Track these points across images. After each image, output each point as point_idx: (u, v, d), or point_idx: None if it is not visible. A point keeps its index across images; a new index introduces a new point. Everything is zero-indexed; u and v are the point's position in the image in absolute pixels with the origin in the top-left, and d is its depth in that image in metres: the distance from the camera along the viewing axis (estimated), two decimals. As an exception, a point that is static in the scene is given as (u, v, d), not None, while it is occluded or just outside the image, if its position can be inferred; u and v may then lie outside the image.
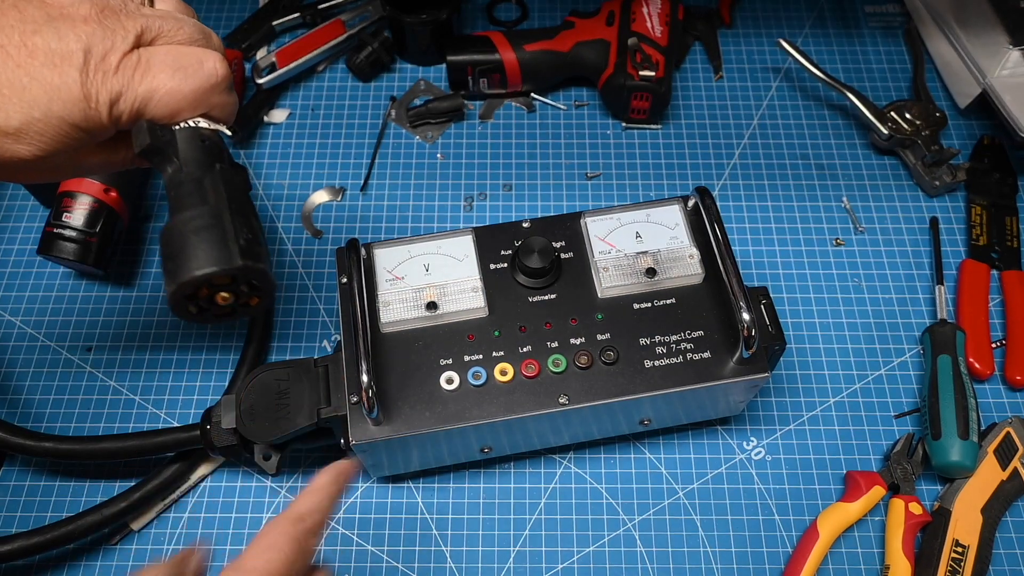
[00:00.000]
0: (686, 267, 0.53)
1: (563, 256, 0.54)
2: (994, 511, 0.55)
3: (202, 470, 0.58)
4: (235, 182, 0.41)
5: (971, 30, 0.72)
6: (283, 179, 0.71)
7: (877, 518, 0.57)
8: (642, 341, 0.51)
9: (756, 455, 0.59)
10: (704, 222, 0.52)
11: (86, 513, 0.53)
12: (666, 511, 0.57)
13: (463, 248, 0.54)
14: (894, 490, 0.57)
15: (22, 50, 0.35)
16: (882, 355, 0.63)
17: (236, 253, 0.37)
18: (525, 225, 0.55)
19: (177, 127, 0.39)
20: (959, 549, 0.54)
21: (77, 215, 0.60)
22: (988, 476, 0.56)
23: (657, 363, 0.50)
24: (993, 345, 0.62)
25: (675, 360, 0.50)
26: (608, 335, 0.51)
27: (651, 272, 0.52)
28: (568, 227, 0.55)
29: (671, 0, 0.72)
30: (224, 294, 0.39)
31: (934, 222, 0.68)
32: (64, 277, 0.66)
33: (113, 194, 0.61)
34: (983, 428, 0.58)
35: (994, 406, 0.61)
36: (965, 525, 0.54)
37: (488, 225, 0.55)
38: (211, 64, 0.39)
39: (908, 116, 0.70)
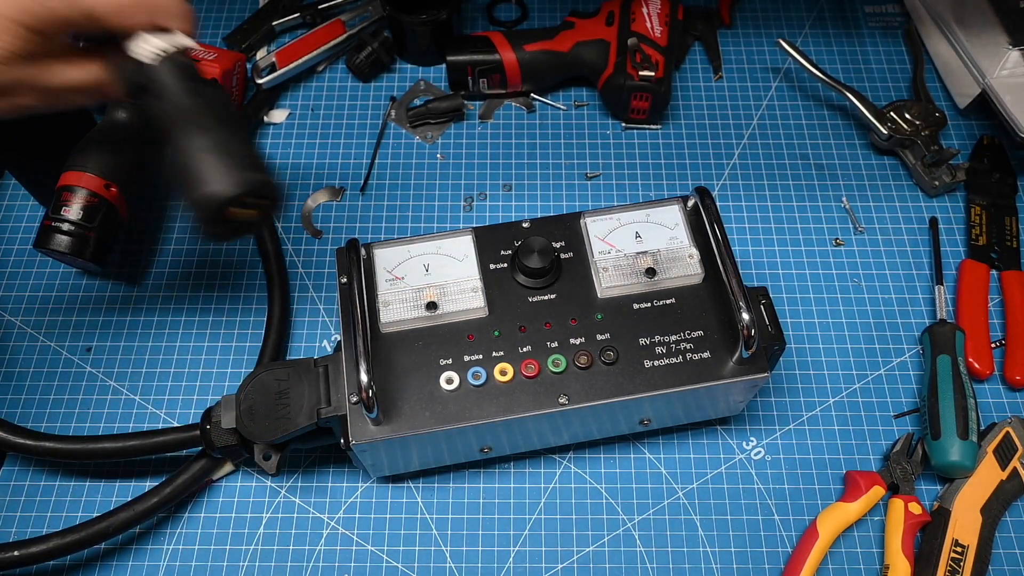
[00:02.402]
0: (686, 267, 0.53)
1: (563, 256, 0.54)
2: (993, 511, 0.55)
3: (228, 467, 0.58)
4: (218, 100, 0.43)
5: (971, 30, 0.72)
6: (283, 179, 0.71)
7: (877, 518, 0.57)
8: (642, 341, 0.51)
9: (756, 455, 0.59)
10: (704, 222, 0.52)
11: (119, 510, 0.53)
12: (666, 511, 0.57)
13: (463, 248, 0.54)
14: (894, 490, 0.57)
15: None
16: (882, 355, 0.63)
17: (249, 170, 0.41)
18: (525, 225, 0.55)
19: (152, 60, 0.42)
20: (959, 549, 0.54)
21: (75, 209, 0.59)
22: (987, 476, 0.56)
23: (657, 363, 0.50)
24: (992, 345, 0.62)
25: (675, 360, 0.50)
26: (608, 335, 0.51)
27: (651, 272, 0.52)
28: (568, 227, 0.55)
29: (671, 0, 0.72)
30: (236, 210, 0.42)
31: (934, 222, 0.68)
32: (64, 276, 0.66)
33: (113, 190, 0.61)
34: (982, 428, 0.58)
35: (993, 406, 0.61)
36: (964, 525, 0.54)
37: (488, 225, 0.55)
38: None
39: (908, 116, 0.70)
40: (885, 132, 0.70)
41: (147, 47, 0.42)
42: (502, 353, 0.51)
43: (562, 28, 0.73)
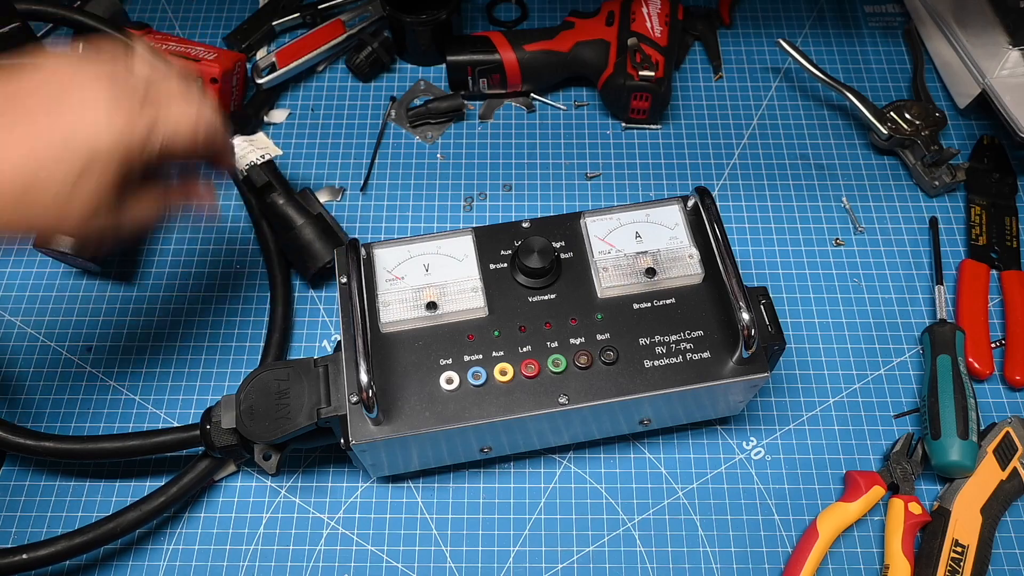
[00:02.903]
0: (686, 267, 0.53)
1: (563, 256, 0.54)
2: (993, 511, 0.55)
3: (231, 467, 0.58)
4: (307, 196, 0.64)
5: (971, 30, 0.72)
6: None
7: (877, 518, 0.57)
8: (642, 341, 0.51)
9: (756, 455, 0.59)
10: (704, 222, 0.52)
11: (126, 511, 0.53)
12: (666, 511, 0.57)
13: (463, 248, 0.54)
14: (894, 490, 0.57)
15: (53, 111, 0.39)
16: (882, 355, 0.63)
17: (335, 237, 0.63)
18: (525, 225, 0.55)
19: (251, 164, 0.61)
20: (958, 549, 0.54)
21: None
22: (987, 476, 0.56)
23: (657, 363, 0.50)
24: (992, 345, 0.62)
25: (675, 360, 0.50)
26: (608, 335, 0.51)
27: (651, 272, 0.52)
28: (568, 227, 0.55)
29: (671, 0, 0.72)
30: None
31: (934, 222, 0.68)
32: (64, 276, 0.66)
33: None
34: (982, 428, 0.58)
35: (993, 406, 0.61)
36: (964, 525, 0.54)
37: (488, 225, 0.55)
38: (197, 92, 0.44)
39: (908, 116, 0.70)
40: (885, 132, 0.70)
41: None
42: (502, 353, 0.51)
43: (562, 28, 0.73)
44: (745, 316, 0.48)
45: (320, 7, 0.77)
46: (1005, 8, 0.70)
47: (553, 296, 0.53)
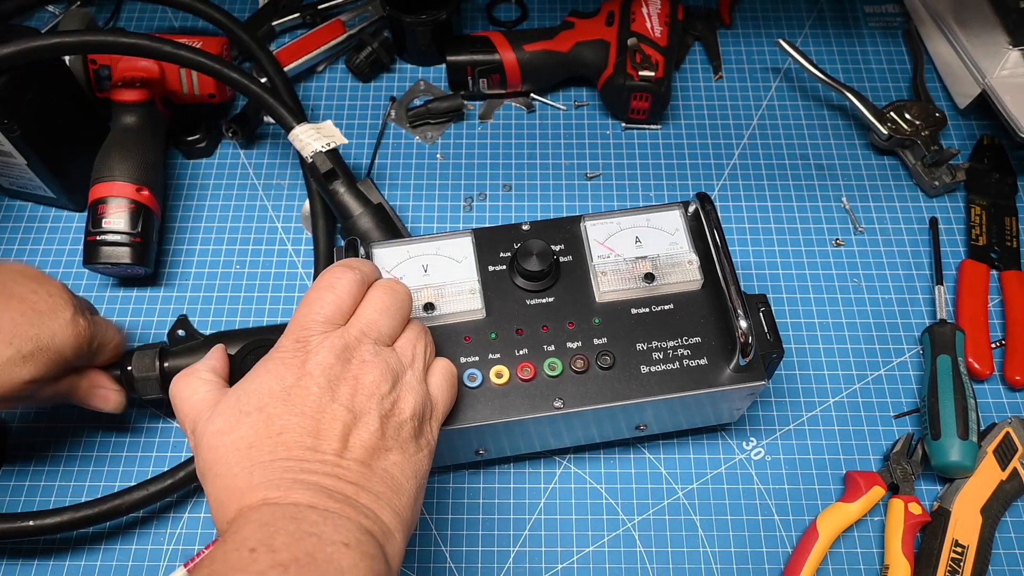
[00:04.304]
0: (685, 273, 0.53)
1: (562, 259, 0.54)
2: (993, 511, 0.55)
3: None
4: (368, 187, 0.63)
5: (971, 30, 0.72)
6: (283, 179, 0.71)
7: (877, 518, 0.57)
8: (639, 346, 0.51)
9: (756, 455, 0.59)
10: (704, 228, 0.52)
11: (133, 489, 0.53)
12: (666, 511, 0.57)
13: (462, 249, 0.54)
14: (894, 490, 0.57)
15: None
16: (882, 355, 0.63)
17: (399, 228, 0.62)
18: (524, 227, 0.55)
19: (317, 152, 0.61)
20: (959, 549, 0.54)
21: (115, 219, 0.60)
22: (987, 476, 0.56)
23: (653, 369, 0.50)
24: (992, 345, 0.62)
25: (672, 366, 0.50)
26: (605, 339, 0.51)
27: (650, 277, 0.52)
28: (567, 230, 0.55)
29: (671, 0, 0.72)
30: None
31: (934, 222, 0.68)
32: (64, 277, 0.66)
33: (145, 192, 0.61)
34: (982, 428, 0.58)
35: (994, 406, 0.61)
36: (964, 525, 0.54)
37: (487, 227, 0.55)
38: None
39: (908, 116, 0.70)
40: (885, 132, 0.70)
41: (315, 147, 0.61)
42: (498, 355, 0.51)
43: (562, 28, 0.73)
44: (743, 323, 0.47)
45: (320, 7, 0.77)
46: (1005, 8, 0.70)
47: (551, 300, 0.53)
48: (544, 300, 0.52)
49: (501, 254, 0.54)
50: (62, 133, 0.64)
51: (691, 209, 0.55)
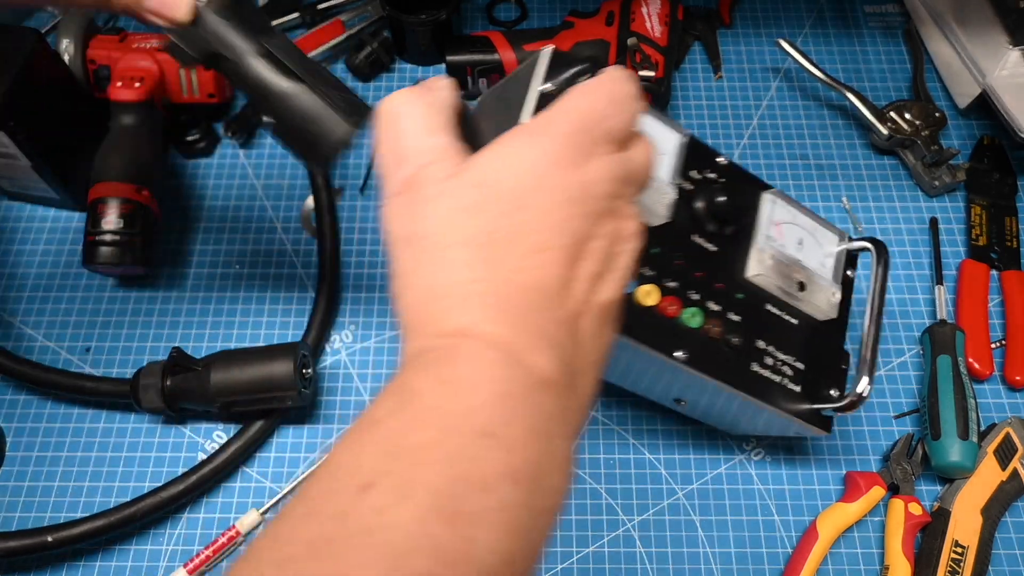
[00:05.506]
0: (824, 301, 0.51)
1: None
2: (994, 512, 0.55)
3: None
4: (286, 45, 0.44)
5: (971, 30, 0.72)
6: (283, 179, 0.71)
7: (877, 518, 0.57)
8: (759, 343, 0.49)
9: (756, 455, 0.59)
10: (850, 270, 0.52)
11: (145, 496, 0.54)
12: (666, 511, 0.57)
13: (668, 143, 0.48)
14: (894, 490, 0.57)
15: None
16: (882, 355, 0.63)
17: (351, 119, 0.44)
18: (720, 160, 0.51)
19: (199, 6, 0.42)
20: (959, 550, 0.54)
21: (114, 219, 0.60)
22: (988, 476, 0.56)
23: (760, 371, 0.48)
24: (993, 345, 0.62)
25: (774, 377, 0.49)
26: (740, 319, 0.48)
27: (801, 287, 0.50)
28: (749, 191, 0.51)
29: (671, 0, 0.72)
30: None
31: (934, 222, 0.68)
32: (64, 277, 0.66)
33: (145, 192, 0.61)
34: (983, 428, 0.58)
35: (994, 406, 0.61)
36: (965, 525, 0.54)
37: (695, 137, 0.51)
38: None
39: (908, 116, 0.70)
40: (885, 132, 0.70)
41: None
42: (653, 273, 0.46)
43: (562, 28, 0.73)
44: (864, 384, 0.47)
45: (320, 7, 0.77)
46: (1005, 8, 0.70)
47: (714, 248, 0.49)
48: (707, 245, 0.49)
49: (690, 173, 0.49)
50: (64, 134, 0.64)
51: (852, 245, 0.53)
